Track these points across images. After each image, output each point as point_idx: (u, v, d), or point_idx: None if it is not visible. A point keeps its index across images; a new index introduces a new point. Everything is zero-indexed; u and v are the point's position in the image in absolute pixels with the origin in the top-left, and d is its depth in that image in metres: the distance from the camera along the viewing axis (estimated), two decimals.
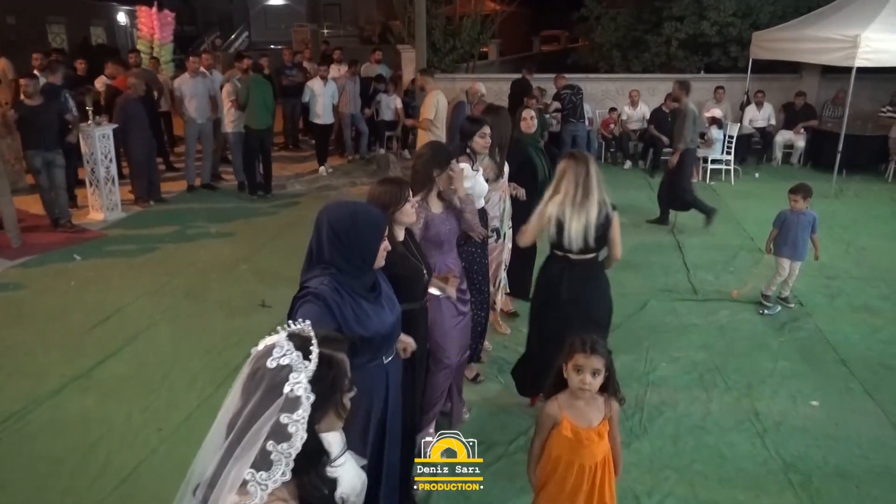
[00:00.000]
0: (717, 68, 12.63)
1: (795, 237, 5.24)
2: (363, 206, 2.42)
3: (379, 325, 2.33)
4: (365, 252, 2.30)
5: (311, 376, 1.37)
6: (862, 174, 9.93)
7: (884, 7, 8.87)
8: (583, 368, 2.38)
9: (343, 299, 2.24)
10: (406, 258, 2.91)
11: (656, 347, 4.82)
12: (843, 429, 3.86)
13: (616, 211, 3.54)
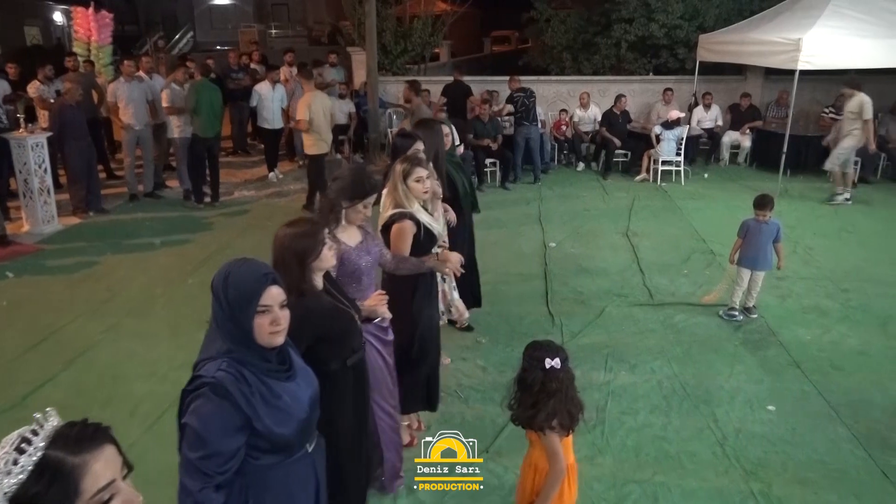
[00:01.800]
0: (665, 70, 12.83)
1: (759, 247, 5.25)
2: (239, 264, 1.93)
3: (298, 410, 1.96)
4: (240, 322, 1.86)
5: (11, 491, 1.04)
6: (806, 174, 10.20)
7: (823, 11, 9.10)
8: None
9: (251, 387, 1.84)
10: (336, 308, 2.52)
11: (615, 355, 4.80)
12: (800, 434, 3.89)
13: (405, 219, 3.34)
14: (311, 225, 2.43)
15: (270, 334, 1.89)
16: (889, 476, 3.51)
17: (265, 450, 1.90)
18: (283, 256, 2.34)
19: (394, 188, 3.41)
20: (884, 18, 8.98)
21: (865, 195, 9.26)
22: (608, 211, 8.53)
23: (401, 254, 3.35)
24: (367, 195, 3.02)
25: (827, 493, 3.40)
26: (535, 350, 2.41)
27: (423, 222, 3.43)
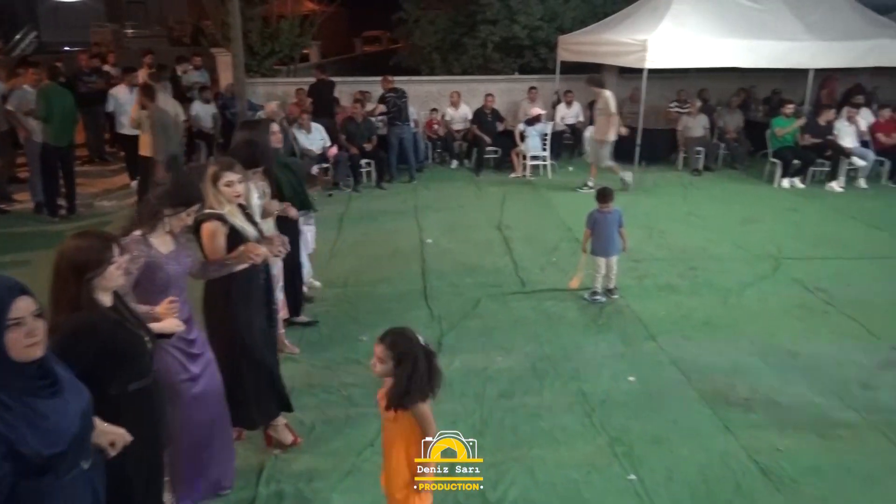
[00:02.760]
0: (529, 69, 13.42)
1: (607, 235, 5.67)
2: None
3: (68, 425, 1.86)
4: None
5: None
6: (658, 164, 11.08)
7: (665, 14, 9.92)
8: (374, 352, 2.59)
9: (12, 411, 1.74)
10: (120, 327, 2.38)
11: (491, 343, 5.04)
12: (656, 399, 4.28)
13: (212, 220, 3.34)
14: (99, 240, 2.33)
15: (27, 347, 1.79)
16: (730, 428, 3.96)
17: (36, 472, 1.80)
18: (60, 267, 2.26)
19: (205, 192, 3.33)
20: (722, 19, 9.90)
21: (708, 182, 10.22)
22: (481, 206, 8.84)
23: (217, 255, 3.30)
24: (190, 204, 3.01)
25: (680, 448, 3.78)
26: (398, 334, 2.57)
27: (236, 225, 3.38)
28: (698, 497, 3.39)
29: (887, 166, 10.03)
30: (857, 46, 9.97)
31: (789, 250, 7.04)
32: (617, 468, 3.61)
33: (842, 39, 9.90)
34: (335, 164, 9.55)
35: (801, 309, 5.64)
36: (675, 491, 3.44)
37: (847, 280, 6.19)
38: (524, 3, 12.82)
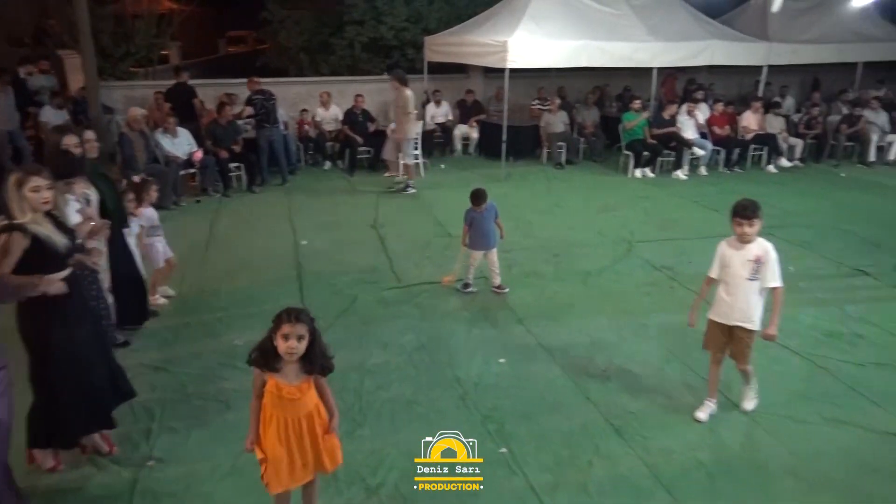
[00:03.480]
0: None
1: (485, 230, 5.91)
2: None
3: None
4: None
5: None
6: (525, 159, 11.64)
7: (523, 18, 10.44)
8: (289, 335, 2.67)
9: None
10: None
11: (369, 337, 5.15)
12: (525, 378, 4.59)
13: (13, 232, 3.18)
14: None
15: None
16: (590, 398, 4.33)
17: None
18: None
19: (8, 199, 3.16)
20: (576, 21, 10.55)
21: (570, 175, 10.88)
22: (356, 206, 8.92)
23: (5, 269, 3.08)
24: None
25: (546, 420, 4.09)
26: (303, 311, 2.75)
27: (40, 235, 3.19)
28: (562, 461, 3.69)
29: (723, 155, 11.14)
30: (692, 46, 11.00)
31: (640, 234, 7.70)
32: (490, 444, 3.85)
33: (678, 40, 10.88)
34: (202, 169, 9.26)
35: (650, 286, 6.21)
36: (542, 458, 3.72)
37: (689, 258, 6.87)
38: (389, 4, 13.01)
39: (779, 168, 11.20)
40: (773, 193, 9.63)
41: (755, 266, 3.77)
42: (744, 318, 3.87)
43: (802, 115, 12.30)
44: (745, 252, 3.80)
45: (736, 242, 3.84)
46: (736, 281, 3.83)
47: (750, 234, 3.75)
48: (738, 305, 3.85)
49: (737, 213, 3.78)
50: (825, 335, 5.25)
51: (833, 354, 4.93)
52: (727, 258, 3.87)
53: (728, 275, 3.87)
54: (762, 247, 3.80)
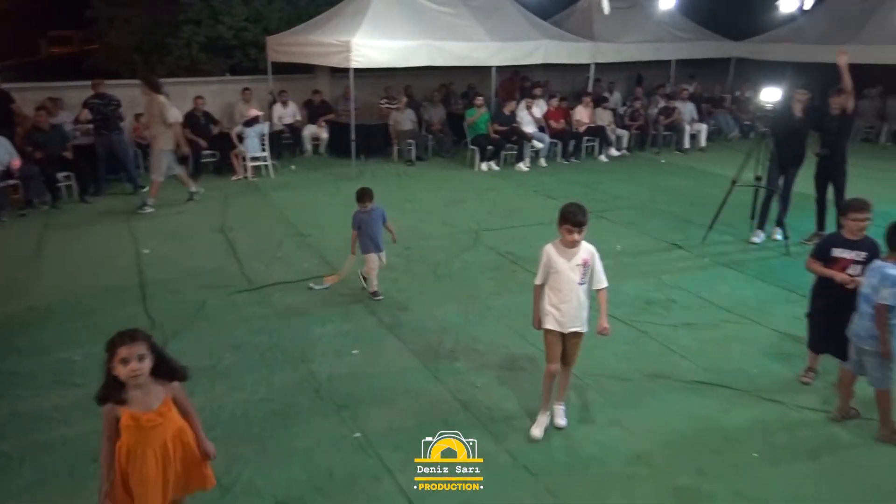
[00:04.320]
0: (241, 70, 13.28)
1: (373, 232, 5.89)
2: None
3: None
4: None
5: None
6: (376, 157, 11.81)
7: (364, 17, 10.59)
8: (128, 358, 2.49)
9: None
10: None
11: (220, 341, 5.07)
12: (378, 366, 4.76)
13: None
14: None
15: None
16: (439, 377, 4.58)
17: None
18: None
19: None
20: (417, 22, 10.85)
21: (420, 171, 11.21)
22: (203, 211, 8.66)
23: None
24: None
25: (398, 402, 4.28)
26: (137, 329, 2.61)
27: None
28: (413, 437, 3.88)
29: (560, 147, 11.96)
30: (526, 46, 11.71)
31: (486, 223, 8.14)
32: (344, 430, 3.98)
33: (514, 40, 11.54)
34: (25, 179, 8.53)
35: (494, 271, 6.61)
36: (395, 438, 3.90)
37: (530, 243, 7.35)
38: (227, 3, 12.65)
39: (609, 157, 12.21)
40: (604, 180, 10.54)
41: (584, 270, 3.73)
42: (578, 323, 3.83)
43: (627, 109, 13.47)
44: (574, 257, 3.73)
45: (562, 247, 3.74)
46: (568, 286, 3.74)
47: (579, 240, 3.69)
48: (572, 312, 3.78)
49: (567, 220, 3.65)
50: (645, 303, 5.88)
51: (651, 319, 5.54)
52: (555, 264, 3.75)
53: (558, 281, 3.76)
54: (588, 250, 3.75)
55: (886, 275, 3.65)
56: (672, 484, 3.50)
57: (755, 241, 7.48)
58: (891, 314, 3.67)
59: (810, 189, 7.56)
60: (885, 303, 3.66)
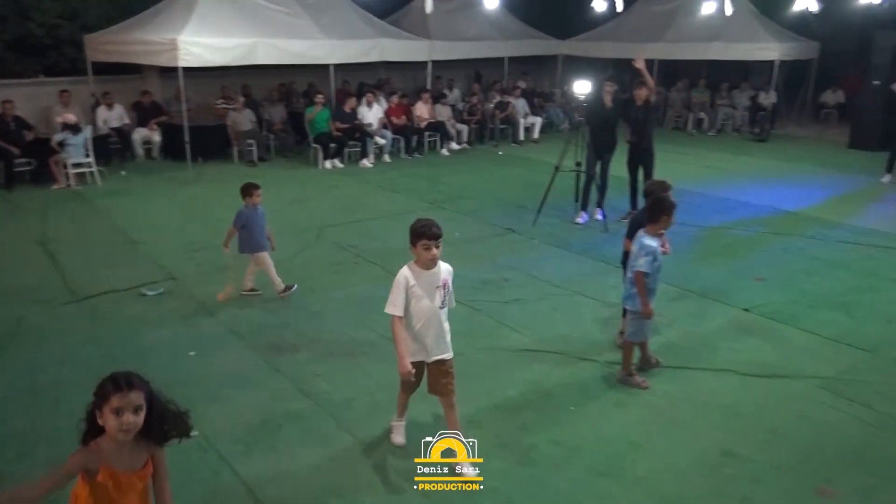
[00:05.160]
0: (58, 71, 12.30)
1: (259, 230, 5.75)
2: None
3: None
4: None
5: None
6: (215, 159, 11.43)
7: (192, 14, 10.22)
8: (122, 409, 2.10)
9: None
10: None
11: (42, 358, 4.77)
12: (214, 362, 4.71)
13: None
14: None
15: None
16: (280, 370, 4.62)
17: None
18: None
19: None
20: (249, 20, 10.63)
21: (263, 171, 11.00)
22: (16, 224, 7.98)
23: None
24: None
25: (239, 398, 4.27)
26: (135, 373, 2.24)
27: None
28: (254, 431, 3.92)
29: (403, 142, 12.24)
30: (364, 44, 11.88)
31: (330, 220, 8.20)
32: None
33: (350, 38, 11.66)
34: None
35: (338, 265, 6.71)
36: (235, 433, 3.90)
37: (373, 236, 7.55)
38: None
39: (450, 151, 12.69)
40: (445, 173, 10.95)
41: (445, 292, 3.41)
42: (444, 350, 3.50)
43: (465, 105, 14.04)
44: (434, 278, 3.36)
45: (419, 270, 3.33)
46: (430, 313, 3.38)
47: (438, 256, 3.33)
48: (436, 340, 3.45)
49: (423, 234, 3.26)
50: (481, 283, 6.25)
51: (486, 297, 5.91)
52: (414, 290, 3.34)
53: (418, 308, 3.36)
54: (447, 270, 3.44)
55: (643, 244, 4.23)
56: (498, 440, 3.81)
57: (579, 221, 8.16)
58: (648, 279, 4.25)
59: (624, 172, 8.35)
60: (641, 270, 4.22)
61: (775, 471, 3.61)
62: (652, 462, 3.68)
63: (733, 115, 15.48)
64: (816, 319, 5.50)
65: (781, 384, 4.51)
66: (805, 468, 3.64)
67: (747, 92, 15.66)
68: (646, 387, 4.44)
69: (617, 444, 3.83)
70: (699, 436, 3.93)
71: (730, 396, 4.35)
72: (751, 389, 4.44)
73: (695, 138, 14.87)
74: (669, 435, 3.94)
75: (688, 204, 8.93)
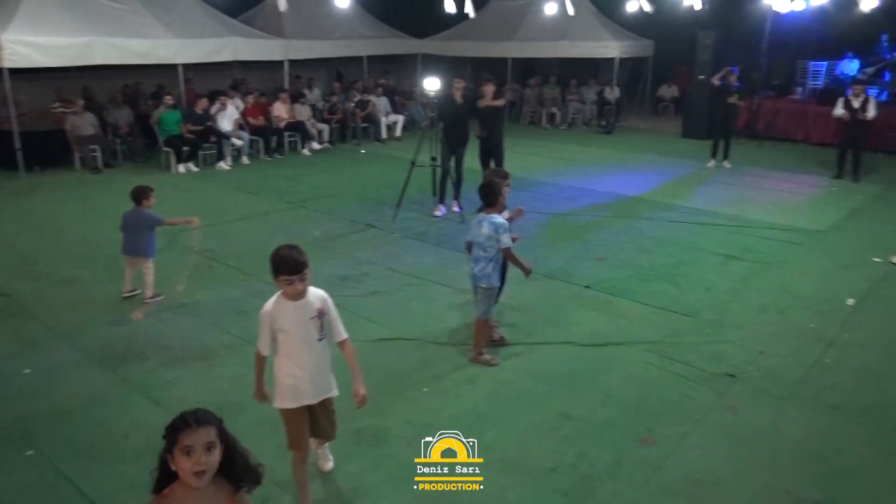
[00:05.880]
0: None
1: (139, 235, 5.58)
2: None
3: None
4: None
5: None
6: (54, 167, 10.63)
7: (17, 10, 9.45)
8: (193, 448, 1.92)
9: None
10: None
11: None
12: (58, 381, 4.45)
13: None
14: None
15: None
16: (128, 380, 4.46)
17: None
18: None
19: None
20: (83, 17, 9.98)
21: (109, 178, 10.42)
22: None
23: None
24: None
25: (78, 411, 4.08)
26: (207, 410, 2.03)
27: None
28: (97, 443, 3.77)
29: (261, 144, 11.99)
30: (214, 43, 11.52)
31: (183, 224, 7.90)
32: (13, 453, 3.69)
33: (199, 37, 11.26)
34: None
35: (191, 269, 6.51)
36: (76, 446, 3.74)
37: (229, 238, 7.38)
38: None
39: (312, 151, 12.58)
40: (307, 172, 10.88)
41: (320, 322, 3.04)
42: (326, 389, 3.19)
43: (325, 104, 13.97)
44: (305, 309, 3.00)
45: (286, 302, 2.98)
46: (305, 348, 3.04)
47: (303, 289, 2.97)
48: (315, 377, 3.11)
49: (283, 269, 2.90)
50: (340, 279, 6.30)
51: (345, 292, 5.95)
52: (282, 324, 2.99)
53: (291, 344, 3.02)
54: (320, 297, 3.06)
55: (497, 224, 4.50)
56: (353, 427, 3.90)
57: (437, 214, 8.42)
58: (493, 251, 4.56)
59: (478, 165, 8.71)
60: (507, 246, 4.51)
61: (605, 427, 3.99)
62: (498, 431, 3.93)
63: (582, 109, 16.48)
64: (648, 291, 6.07)
65: (615, 351, 4.96)
66: (631, 422, 4.04)
67: (594, 88, 16.72)
68: (495, 364, 4.72)
69: (466, 418, 4.05)
70: (540, 403, 4.25)
71: (568, 366, 4.72)
72: (587, 358, 4.85)
73: (548, 132, 15.69)
74: (514, 405, 4.23)
75: (540, 193, 9.50)
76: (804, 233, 7.84)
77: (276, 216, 8.34)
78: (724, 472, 3.59)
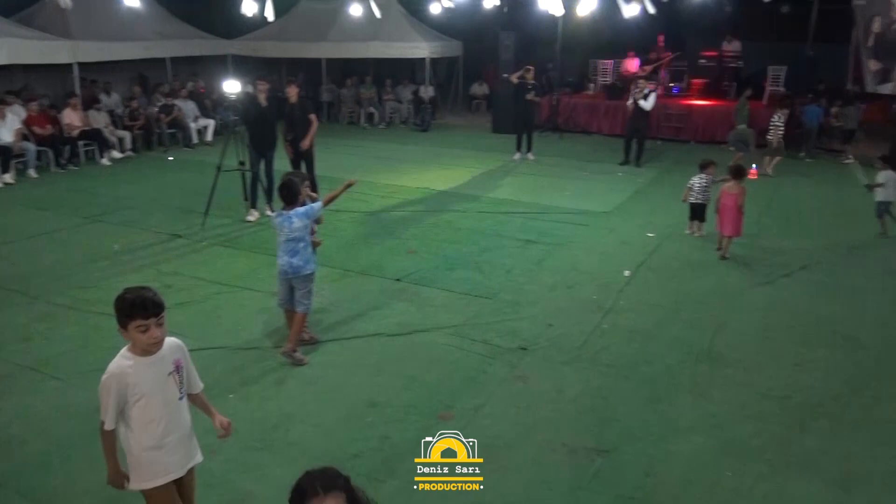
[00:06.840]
0: None
1: None
2: None
3: None
4: None
5: None
6: None
7: None
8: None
9: None
10: None
11: None
12: None
13: None
14: None
15: None
16: None
17: None
18: None
19: None
20: None
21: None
22: None
23: None
24: None
25: None
26: (336, 472, 1.79)
27: None
28: None
29: (51, 154, 10.96)
30: None
31: None
32: None
33: None
34: None
35: None
36: None
37: (12, 260, 6.69)
38: None
39: (112, 160, 11.71)
40: (105, 184, 10.14)
41: (180, 376, 2.61)
42: (193, 454, 2.74)
43: (125, 109, 13.06)
44: (161, 365, 2.54)
45: (139, 358, 2.48)
46: (168, 411, 2.55)
47: (162, 337, 2.49)
48: (183, 443, 2.65)
49: (138, 311, 2.41)
50: None
51: None
52: (139, 388, 2.48)
53: (151, 409, 2.51)
54: (176, 347, 2.64)
55: (303, 210, 4.73)
56: None
57: (249, 219, 8.26)
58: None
59: (289, 168, 8.64)
60: (320, 208, 4.86)
61: (409, 409, 4.22)
62: (303, 427, 4.02)
63: (399, 108, 16.87)
64: (454, 279, 6.43)
65: (420, 337, 5.23)
66: (433, 401, 4.31)
67: (410, 87, 17.18)
68: (305, 363, 4.78)
69: (272, 419, 4.09)
70: (347, 395, 4.39)
71: (376, 356, 4.92)
72: (394, 347, 5.07)
73: (367, 131, 15.88)
74: (321, 400, 4.33)
75: (357, 193, 9.60)
76: (593, 215, 8.70)
77: (69, 232, 7.69)
78: (511, 435, 3.96)
